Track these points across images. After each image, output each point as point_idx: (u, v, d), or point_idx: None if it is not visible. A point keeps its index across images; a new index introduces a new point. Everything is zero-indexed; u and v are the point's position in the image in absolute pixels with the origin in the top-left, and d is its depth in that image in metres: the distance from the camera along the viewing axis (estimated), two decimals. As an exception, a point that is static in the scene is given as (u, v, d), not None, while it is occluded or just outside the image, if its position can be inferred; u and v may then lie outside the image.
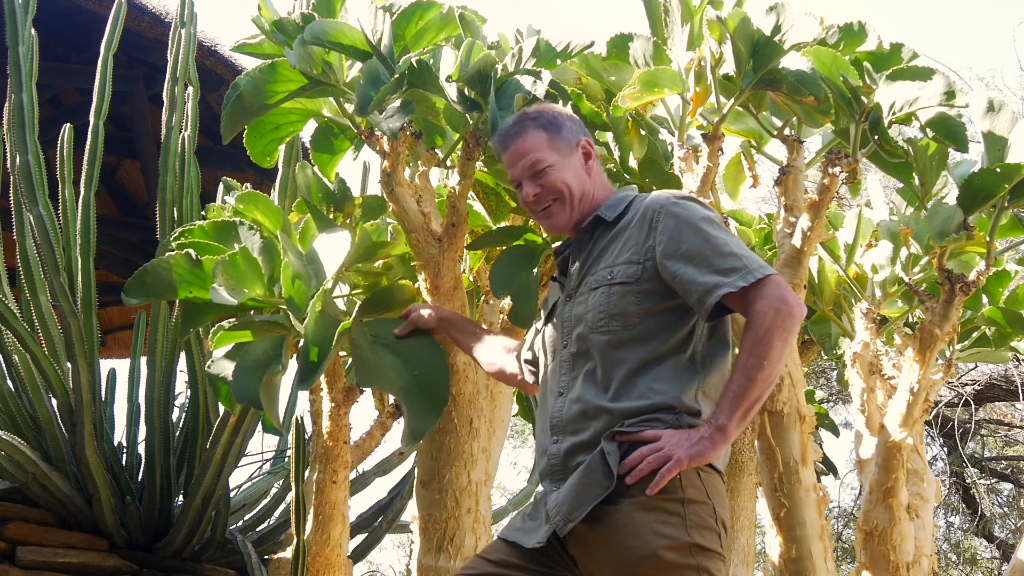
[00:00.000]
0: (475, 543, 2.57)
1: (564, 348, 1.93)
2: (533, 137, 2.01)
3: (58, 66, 5.98)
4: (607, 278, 1.89)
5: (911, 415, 2.76)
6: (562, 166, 2.00)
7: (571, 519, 1.77)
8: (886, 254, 3.07)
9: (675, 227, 1.86)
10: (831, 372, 8.42)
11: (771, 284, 1.78)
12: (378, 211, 2.80)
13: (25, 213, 3.90)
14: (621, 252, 1.91)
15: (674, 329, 1.85)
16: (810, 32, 2.53)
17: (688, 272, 1.82)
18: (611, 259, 1.91)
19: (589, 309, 1.89)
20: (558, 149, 2.01)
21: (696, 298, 1.81)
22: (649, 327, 1.84)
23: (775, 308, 1.76)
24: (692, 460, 1.74)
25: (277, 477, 4.79)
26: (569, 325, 1.93)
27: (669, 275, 1.85)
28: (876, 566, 2.80)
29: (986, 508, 8.80)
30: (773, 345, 1.75)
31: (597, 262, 1.94)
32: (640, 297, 1.85)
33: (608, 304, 1.87)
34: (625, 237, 1.92)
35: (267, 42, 2.65)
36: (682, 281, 1.83)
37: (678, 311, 1.86)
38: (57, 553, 3.85)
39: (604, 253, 1.94)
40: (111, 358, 8.40)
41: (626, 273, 1.88)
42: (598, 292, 1.89)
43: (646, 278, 1.86)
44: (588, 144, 2.04)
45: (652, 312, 1.85)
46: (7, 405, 3.94)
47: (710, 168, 2.69)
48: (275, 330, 2.34)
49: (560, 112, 2.08)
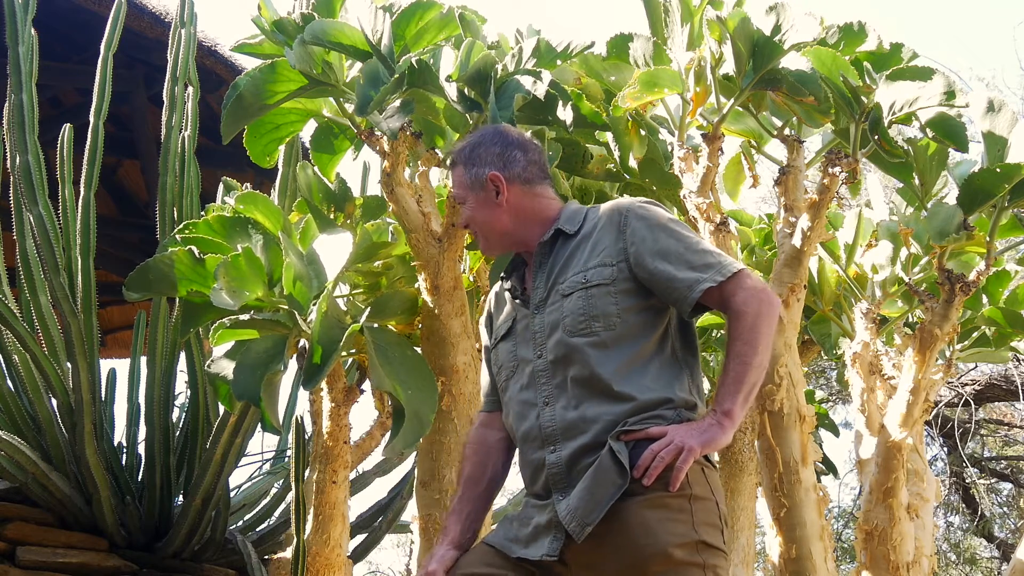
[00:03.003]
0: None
1: (539, 358, 1.93)
2: (457, 172, 2.08)
3: (58, 66, 5.97)
4: (581, 282, 1.91)
5: (911, 415, 2.76)
6: (474, 204, 2.04)
7: (588, 522, 1.77)
8: (886, 254, 3.07)
9: (646, 228, 1.91)
10: (831, 372, 8.42)
11: (746, 276, 1.85)
12: (378, 211, 2.80)
13: (25, 213, 3.90)
14: (591, 257, 1.94)
15: (652, 329, 1.89)
16: (810, 32, 2.53)
17: (666, 269, 1.86)
18: (580, 265, 1.94)
19: (566, 314, 1.90)
20: (471, 187, 2.05)
21: (678, 294, 1.86)
22: (629, 327, 1.87)
23: (757, 299, 1.83)
24: (705, 447, 1.77)
25: (277, 477, 4.78)
26: (543, 334, 1.93)
27: (647, 274, 1.88)
28: (876, 566, 2.80)
29: (986, 508, 8.80)
30: (762, 331, 1.81)
31: (564, 271, 1.96)
32: (618, 297, 1.88)
33: (588, 306, 1.89)
34: (592, 242, 1.95)
35: (267, 42, 2.65)
36: (660, 279, 1.87)
37: (653, 311, 1.90)
38: (57, 553, 3.84)
39: (570, 262, 1.96)
40: (111, 358, 8.39)
41: (601, 275, 1.90)
42: (573, 297, 1.91)
43: (621, 279, 1.90)
44: (496, 179, 2.03)
45: (630, 311, 1.88)
46: (7, 405, 3.94)
47: (710, 168, 2.69)
48: (277, 329, 2.35)
49: (481, 142, 2.08)
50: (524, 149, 2.07)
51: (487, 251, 2.14)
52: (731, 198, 3.32)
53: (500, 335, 2.05)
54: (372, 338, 2.45)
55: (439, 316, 2.63)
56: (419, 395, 2.44)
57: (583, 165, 2.84)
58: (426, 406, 2.44)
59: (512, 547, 1.87)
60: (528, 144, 2.09)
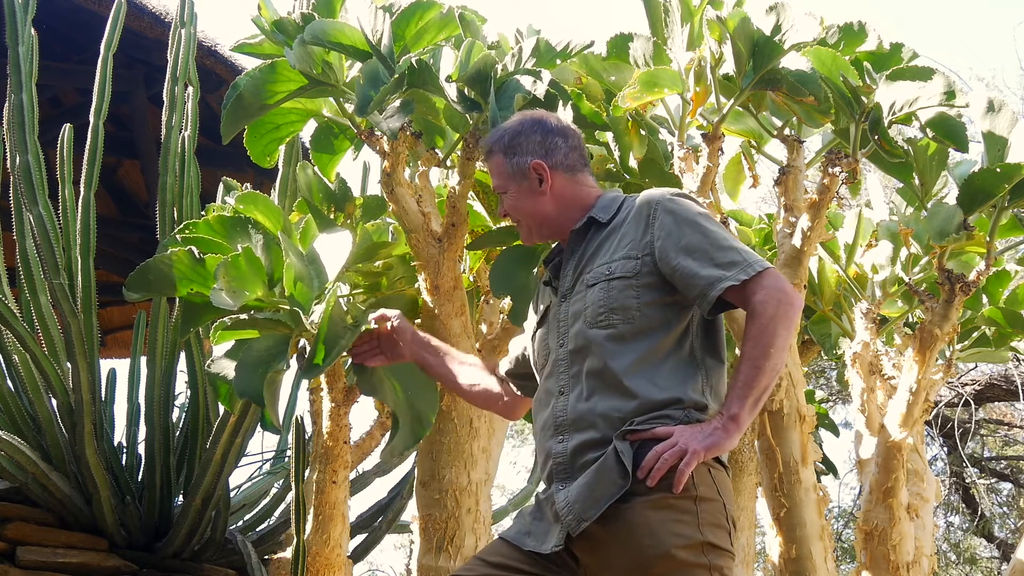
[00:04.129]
0: (475, 543, 2.57)
1: (561, 347, 1.92)
2: (496, 162, 2.06)
3: (58, 66, 5.97)
4: (605, 274, 1.90)
5: (911, 415, 2.77)
6: (517, 193, 2.04)
7: (584, 518, 1.77)
8: (886, 254, 3.07)
9: (673, 223, 1.88)
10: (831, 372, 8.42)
11: (770, 276, 1.82)
12: (378, 211, 2.80)
13: (25, 213, 3.90)
14: (618, 248, 1.92)
15: (672, 325, 1.86)
16: (810, 32, 2.53)
17: (689, 266, 1.84)
18: (607, 256, 1.92)
19: (588, 305, 1.89)
20: (513, 176, 2.04)
21: (698, 291, 1.83)
22: (649, 321, 1.85)
23: (776, 299, 1.79)
24: (708, 451, 1.75)
25: (277, 477, 4.78)
26: (566, 324, 1.93)
27: (669, 269, 1.86)
28: (876, 566, 2.80)
29: (986, 508, 8.80)
30: (778, 334, 1.78)
31: (592, 260, 1.94)
32: (639, 291, 1.87)
33: (608, 298, 1.87)
34: (620, 234, 1.94)
35: (267, 42, 2.65)
36: (683, 275, 1.84)
37: (675, 307, 1.87)
38: (57, 553, 3.84)
39: (599, 251, 1.95)
40: (111, 358, 8.38)
41: (624, 268, 1.89)
42: (596, 288, 1.90)
43: (644, 272, 1.88)
44: (539, 167, 2.02)
45: (651, 306, 1.86)
46: (7, 405, 3.94)
47: (710, 168, 2.69)
48: (278, 328, 2.34)
49: (521, 131, 2.06)
50: (565, 136, 2.06)
51: (528, 240, 2.11)
52: (731, 198, 3.32)
53: (536, 323, 2.06)
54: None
55: (439, 316, 2.63)
56: (420, 395, 2.43)
57: (583, 165, 2.84)
58: (428, 407, 2.43)
59: (525, 540, 1.87)
60: (568, 131, 2.08)
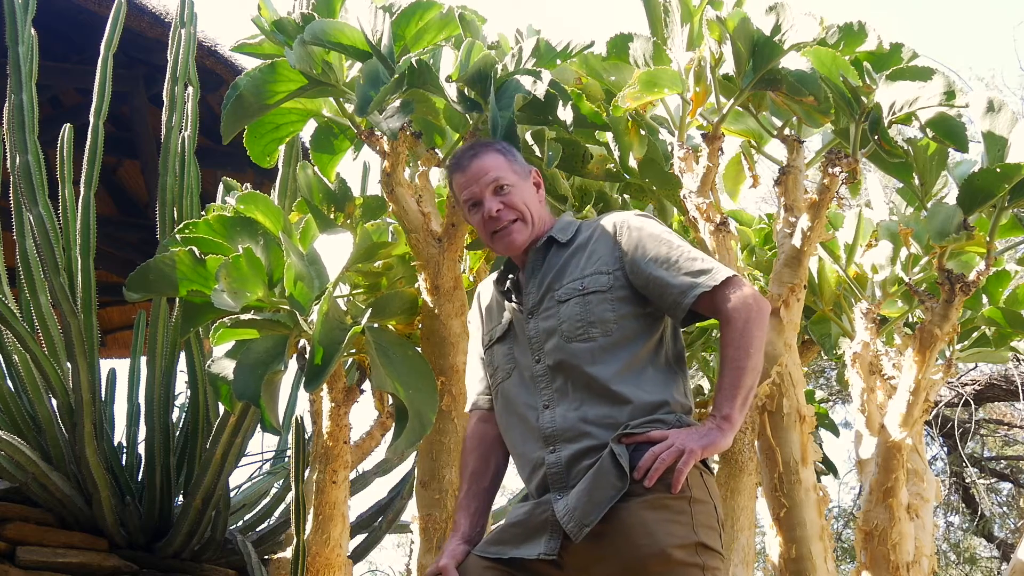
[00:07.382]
0: (475, 543, 2.57)
1: (537, 363, 1.96)
2: (493, 158, 2.07)
3: (58, 66, 5.97)
4: (579, 289, 1.95)
5: (911, 415, 2.76)
6: (521, 188, 2.07)
7: (586, 523, 1.79)
8: (886, 254, 3.07)
9: (640, 238, 1.97)
10: (831, 372, 8.43)
11: (738, 283, 1.91)
12: (378, 211, 2.81)
13: (25, 213, 3.90)
14: (587, 265, 1.98)
15: (648, 335, 1.94)
16: (810, 32, 2.53)
17: (660, 276, 1.92)
18: (577, 272, 1.98)
19: (563, 320, 1.94)
20: (517, 172, 2.08)
21: (672, 300, 1.91)
22: (626, 333, 1.92)
23: (747, 304, 1.88)
24: (705, 450, 1.81)
25: (277, 477, 4.78)
26: (539, 340, 1.97)
27: (642, 280, 1.93)
28: (876, 566, 2.80)
29: (986, 508, 8.80)
30: (754, 335, 1.86)
31: (560, 277, 1.99)
32: (615, 304, 1.93)
33: (585, 312, 1.93)
34: (588, 251, 2.00)
35: (267, 42, 2.65)
36: (656, 285, 1.92)
37: (649, 318, 1.95)
38: (57, 553, 3.84)
39: (566, 269, 2.00)
40: (111, 358, 8.39)
41: (597, 283, 1.95)
42: (571, 303, 1.95)
43: (617, 286, 1.95)
44: (537, 175, 2.12)
45: (627, 318, 1.93)
46: (7, 405, 3.94)
47: (710, 168, 2.69)
48: (277, 329, 2.35)
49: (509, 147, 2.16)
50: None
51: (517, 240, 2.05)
52: (731, 198, 3.32)
53: (495, 337, 2.08)
54: (373, 338, 2.45)
55: (439, 316, 2.63)
56: (421, 395, 2.44)
57: (583, 165, 2.84)
58: (428, 406, 2.44)
59: (504, 549, 1.88)
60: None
